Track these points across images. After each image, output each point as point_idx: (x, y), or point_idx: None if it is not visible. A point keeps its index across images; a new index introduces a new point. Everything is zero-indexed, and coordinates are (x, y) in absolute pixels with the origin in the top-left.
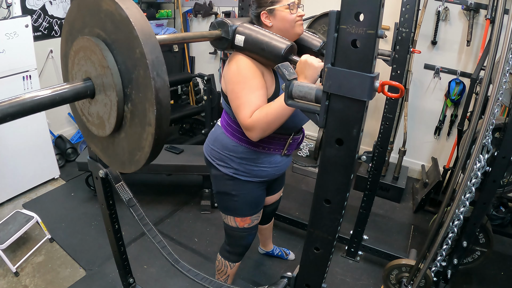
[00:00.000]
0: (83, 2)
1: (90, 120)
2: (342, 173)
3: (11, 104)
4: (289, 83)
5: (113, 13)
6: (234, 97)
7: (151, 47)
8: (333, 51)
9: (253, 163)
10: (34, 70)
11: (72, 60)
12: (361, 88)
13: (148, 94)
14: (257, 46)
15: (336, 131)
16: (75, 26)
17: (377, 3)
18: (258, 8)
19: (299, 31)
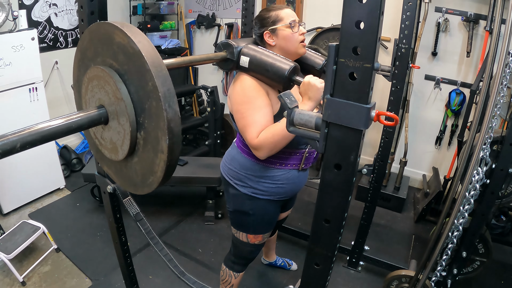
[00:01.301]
0: (95, 33)
1: (103, 144)
2: (340, 195)
3: (30, 133)
4: (291, 111)
5: (126, 46)
6: (240, 117)
7: (162, 79)
8: (332, 83)
9: (271, 180)
10: (40, 82)
11: (86, 87)
12: (358, 118)
13: (161, 123)
14: (262, 67)
15: (334, 157)
16: (87, 54)
17: (373, 39)
18: (261, 28)
19: (302, 52)
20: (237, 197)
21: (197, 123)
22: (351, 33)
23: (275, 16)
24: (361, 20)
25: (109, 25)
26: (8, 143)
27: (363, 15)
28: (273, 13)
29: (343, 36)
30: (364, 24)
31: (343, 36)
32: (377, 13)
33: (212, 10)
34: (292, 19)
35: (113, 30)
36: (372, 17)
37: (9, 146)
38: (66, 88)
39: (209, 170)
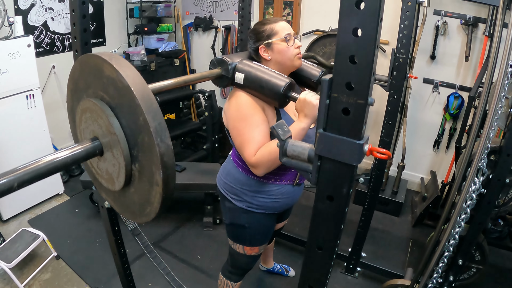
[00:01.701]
0: (85, 64)
1: (100, 174)
2: (332, 225)
3: (26, 171)
4: (284, 143)
5: (115, 80)
6: (237, 134)
7: (153, 114)
8: (325, 117)
9: (266, 195)
10: (37, 89)
11: (80, 117)
12: (350, 154)
13: (154, 158)
14: (257, 84)
15: (327, 189)
16: (79, 85)
17: (368, 74)
18: (255, 42)
19: (298, 64)
20: (233, 210)
21: (194, 128)
22: (345, 68)
23: (269, 29)
24: (355, 54)
25: (98, 58)
26: (6, 183)
27: (357, 49)
28: (267, 26)
29: (337, 70)
30: (358, 59)
31: (336, 70)
32: (372, 47)
33: (210, 12)
34: (287, 32)
35: (102, 63)
36: (367, 51)
37: (6, 186)
38: (64, 92)
39: (207, 176)
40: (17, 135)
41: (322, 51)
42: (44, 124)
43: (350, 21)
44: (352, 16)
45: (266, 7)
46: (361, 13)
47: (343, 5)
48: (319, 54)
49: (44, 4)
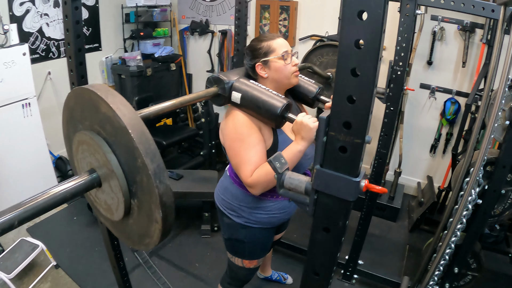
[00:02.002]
0: (80, 97)
1: (98, 202)
2: (328, 253)
3: (26, 209)
4: (281, 175)
5: (111, 119)
6: (233, 154)
7: (151, 156)
8: (322, 154)
9: (263, 211)
10: (33, 97)
11: (76, 148)
12: (347, 190)
13: (153, 197)
14: (254, 104)
15: (323, 221)
16: (74, 114)
17: (365, 115)
18: (252, 59)
19: (294, 82)
20: (232, 226)
21: (192, 134)
22: (343, 107)
23: (267, 47)
24: (354, 94)
25: (93, 94)
26: (6, 221)
27: (356, 90)
28: (264, 43)
29: (335, 109)
30: (357, 98)
31: (334, 109)
32: (371, 87)
33: (206, 16)
34: (284, 50)
35: (97, 99)
36: (366, 92)
37: (7, 225)
38: (60, 98)
39: (205, 184)
40: (13, 144)
41: (319, 61)
42: (41, 133)
43: (349, 61)
44: (352, 56)
45: (262, 12)
46: (360, 53)
47: (342, 46)
48: (316, 63)
49: (39, 10)
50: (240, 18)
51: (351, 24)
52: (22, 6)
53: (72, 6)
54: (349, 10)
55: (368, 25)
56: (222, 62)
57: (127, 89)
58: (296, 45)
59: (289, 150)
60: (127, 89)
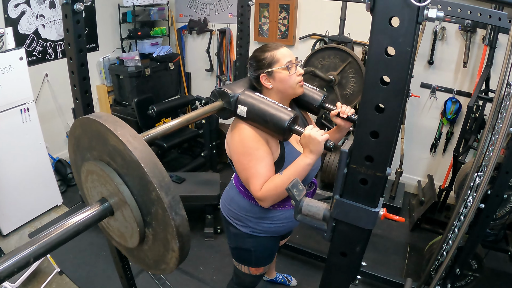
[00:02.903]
0: (87, 127)
1: (111, 229)
2: (344, 276)
3: (40, 245)
4: (299, 202)
5: (122, 152)
6: (242, 168)
7: (166, 189)
8: (342, 185)
9: (270, 221)
10: (31, 102)
11: (85, 176)
12: (366, 220)
13: (169, 229)
14: (260, 118)
15: (340, 247)
16: (81, 143)
17: (388, 150)
18: (256, 70)
19: (300, 92)
20: (238, 235)
21: (192, 135)
22: (366, 142)
23: (270, 57)
24: (378, 130)
25: (101, 125)
26: (21, 259)
27: (380, 126)
28: (268, 54)
29: (358, 143)
30: (380, 134)
31: (357, 143)
32: (395, 125)
33: (204, 15)
34: (288, 59)
35: (105, 131)
36: (390, 128)
37: (23, 263)
38: (58, 100)
39: (207, 187)
40: (13, 150)
41: (321, 64)
42: (40, 137)
43: (375, 97)
44: (377, 92)
45: (262, 11)
46: (385, 90)
47: (367, 82)
48: (318, 67)
49: (35, 12)
50: (243, 22)
51: (377, 61)
52: (17, 8)
53: (72, 6)
54: (376, 47)
55: (395, 62)
56: (221, 61)
57: (126, 89)
58: (296, 44)
59: (297, 164)
60: (126, 89)
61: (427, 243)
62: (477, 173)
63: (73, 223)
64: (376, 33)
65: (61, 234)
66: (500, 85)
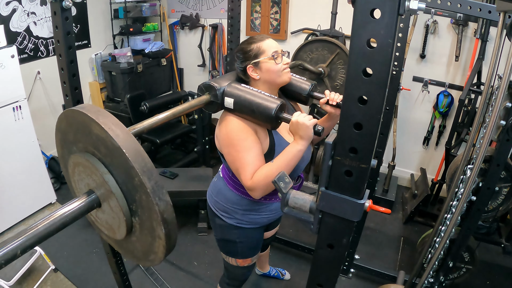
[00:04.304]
0: (71, 119)
1: (99, 222)
2: (332, 268)
3: (27, 236)
4: (285, 195)
5: (105, 140)
6: (232, 160)
7: (148, 174)
8: (327, 177)
9: (256, 212)
10: (24, 100)
11: (72, 169)
12: (351, 212)
13: (154, 215)
14: (247, 108)
15: (327, 238)
16: (67, 136)
17: (372, 142)
18: (243, 62)
19: (287, 79)
20: (223, 227)
21: (185, 131)
22: (350, 134)
23: (256, 49)
24: (361, 122)
25: (84, 116)
26: (9, 252)
27: (363, 117)
28: (254, 45)
29: (341, 135)
30: (363, 126)
31: (341, 135)
32: (378, 117)
33: (196, 10)
34: (274, 50)
35: (89, 121)
36: (373, 119)
37: (10, 255)
38: (51, 97)
39: (200, 183)
40: (5, 148)
41: (309, 57)
42: (33, 135)
43: (357, 89)
44: (360, 84)
45: (253, 5)
46: (368, 82)
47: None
48: (306, 60)
49: (26, 9)
50: (233, 17)
51: (359, 53)
52: (8, 6)
53: (60, 2)
54: (358, 39)
55: (377, 54)
56: (213, 56)
57: (118, 86)
58: (288, 39)
59: (288, 151)
60: (118, 86)
61: (420, 236)
62: (467, 166)
63: (60, 215)
64: (357, 25)
65: (48, 226)
66: (489, 77)
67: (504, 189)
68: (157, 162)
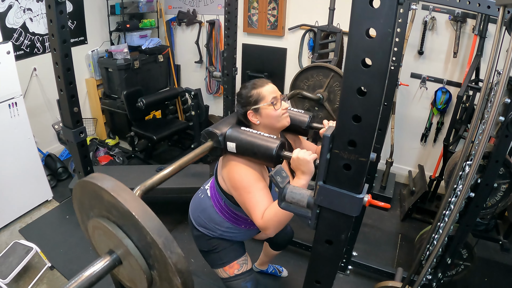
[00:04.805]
0: (84, 189)
1: (121, 276)
2: (330, 264)
3: None
4: (282, 190)
5: (115, 205)
6: (242, 202)
7: (158, 231)
8: (325, 171)
9: (236, 230)
10: (20, 96)
11: (92, 231)
12: (350, 206)
13: (168, 267)
14: (249, 151)
15: (326, 234)
16: (84, 203)
17: (371, 134)
18: (243, 107)
19: (286, 123)
20: (200, 238)
21: (182, 127)
22: (349, 126)
23: (256, 95)
24: (360, 114)
25: (94, 185)
26: None
27: (362, 109)
28: (254, 91)
29: (340, 128)
30: (362, 118)
31: (339, 128)
32: (377, 108)
33: (193, 6)
34: (273, 96)
35: (99, 189)
36: (372, 111)
37: None
38: (47, 95)
39: (198, 179)
40: (1, 145)
41: (306, 85)
42: (29, 132)
43: (356, 80)
44: (358, 75)
45: (251, 1)
46: (367, 72)
47: (348, 66)
48: (304, 88)
49: (22, 5)
50: (230, 12)
51: (358, 43)
52: (4, 2)
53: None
54: (357, 28)
55: (377, 44)
56: (210, 52)
57: (115, 82)
58: (286, 35)
59: None
60: (115, 82)
61: (418, 233)
62: (466, 162)
63: (87, 276)
64: (356, 14)
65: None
66: (488, 73)
67: (503, 186)
68: (154, 158)
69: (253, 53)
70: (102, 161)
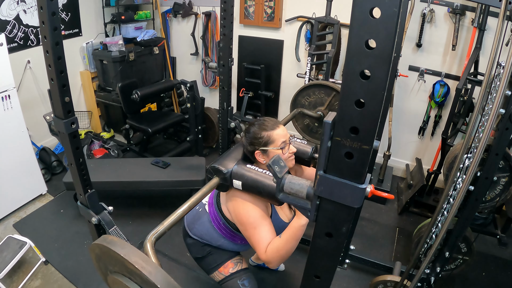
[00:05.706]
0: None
1: None
2: (330, 258)
3: None
4: (280, 180)
5: (140, 275)
6: (248, 236)
7: None
8: (326, 160)
9: (231, 246)
10: (13, 89)
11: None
12: (352, 197)
13: None
14: (255, 189)
15: (326, 227)
16: (102, 258)
17: (375, 120)
18: (251, 145)
19: (290, 165)
20: (194, 245)
21: (178, 120)
22: (351, 112)
23: (267, 137)
24: (363, 99)
25: (116, 254)
26: None
27: (365, 94)
28: (265, 133)
29: (341, 114)
30: (366, 102)
31: (341, 114)
32: (381, 93)
33: None
34: (283, 140)
35: (122, 259)
36: (376, 96)
37: None
38: (41, 87)
39: (192, 172)
40: None
41: (307, 101)
42: (23, 125)
43: (359, 63)
44: (362, 58)
45: None
46: (371, 55)
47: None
48: (305, 105)
49: None
50: (226, 1)
51: (361, 24)
52: None
53: None
54: (360, 8)
55: (381, 25)
56: (206, 44)
57: (110, 74)
58: (282, 27)
59: (292, 227)
60: (110, 74)
61: (415, 226)
62: (466, 155)
63: None
64: None
65: None
66: (490, 65)
67: (502, 179)
68: (150, 151)
69: (250, 45)
70: (97, 154)
